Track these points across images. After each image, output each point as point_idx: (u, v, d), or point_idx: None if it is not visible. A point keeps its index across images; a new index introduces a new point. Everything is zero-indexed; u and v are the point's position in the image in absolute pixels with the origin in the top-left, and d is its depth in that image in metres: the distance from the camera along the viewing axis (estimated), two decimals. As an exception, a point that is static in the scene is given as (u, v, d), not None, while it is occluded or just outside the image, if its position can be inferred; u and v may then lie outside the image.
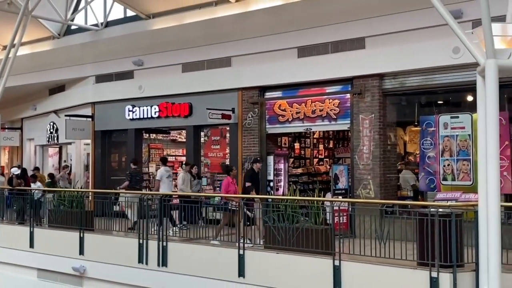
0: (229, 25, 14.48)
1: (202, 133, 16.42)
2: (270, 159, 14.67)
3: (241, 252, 10.55)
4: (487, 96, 7.50)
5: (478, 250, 8.03)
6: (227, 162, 15.49)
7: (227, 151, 15.59)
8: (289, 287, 9.93)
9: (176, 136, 19.81)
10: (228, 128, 15.41)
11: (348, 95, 13.21)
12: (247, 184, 12.66)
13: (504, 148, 10.56)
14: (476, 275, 8.29)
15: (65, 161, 21.87)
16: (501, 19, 7.94)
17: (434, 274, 8.44)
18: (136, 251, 12.10)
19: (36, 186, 16.05)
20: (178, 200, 13.14)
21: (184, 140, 17.59)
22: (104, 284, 12.87)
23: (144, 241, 12.04)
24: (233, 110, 14.88)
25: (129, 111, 17.29)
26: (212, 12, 14.73)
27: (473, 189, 10.19)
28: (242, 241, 10.62)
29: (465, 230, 8.77)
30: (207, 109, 14.59)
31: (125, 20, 17.12)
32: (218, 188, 15.94)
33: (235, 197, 11.89)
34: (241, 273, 10.51)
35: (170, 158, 19.52)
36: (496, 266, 7.36)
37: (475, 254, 8.37)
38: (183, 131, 17.68)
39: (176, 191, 14.54)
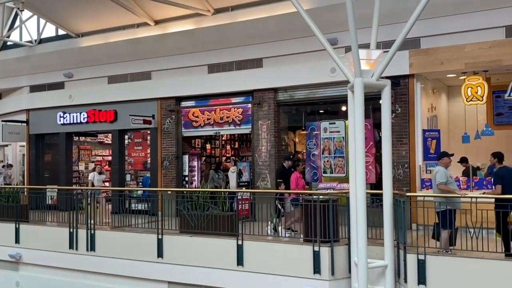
0: (149, 44, 14.25)
1: (126, 136, 16.03)
2: (186, 158, 14.58)
3: (160, 236, 10.48)
4: (356, 107, 7.79)
5: (350, 228, 8.47)
6: (149, 161, 15.27)
7: (148, 151, 15.34)
8: (201, 264, 9.98)
9: (103, 139, 19.17)
10: (149, 132, 15.15)
11: (250, 105, 13.39)
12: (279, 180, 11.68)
13: (369, 147, 11.18)
14: (348, 248, 8.72)
15: (2, 161, 20.57)
16: (367, 46, 8.30)
17: (316, 248, 8.79)
18: (67, 238, 11.69)
19: None
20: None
21: (110, 142, 17.10)
22: (38, 268, 12.35)
23: (74, 229, 11.65)
24: (153, 117, 14.65)
25: (60, 117, 16.58)
26: (135, 33, 14.44)
27: (346, 180, 10.66)
28: (161, 226, 10.54)
29: (340, 213, 9.16)
30: (130, 115, 14.28)
31: (57, 38, 16.37)
32: (140, 183, 15.71)
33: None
34: (160, 254, 10.44)
35: (98, 158, 19.02)
36: (363, 240, 7.70)
37: (347, 231, 8.83)
38: (109, 134, 17.19)
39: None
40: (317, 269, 8.76)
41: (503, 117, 13.15)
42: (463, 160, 11.68)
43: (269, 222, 10.34)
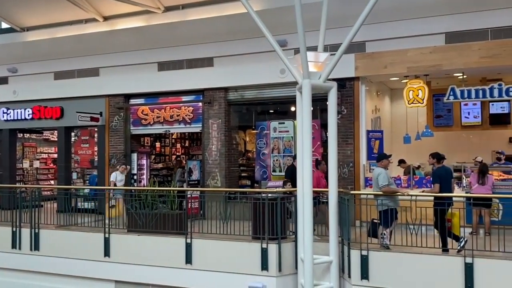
0: (97, 40, 13.87)
1: (72, 133, 15.57)
2: (134, 156, 14.31)
3: (107, 235, 10.27)
4: (303, 108, 7.91)
5: (297, 225, 8.59)
6: (96, 159, 14.88)
7: (96, 149, 14.95)
8: (148, 263, 9.86)
9: (49, 136, 18.57)
10: (96, 129, 14.77)
11: (200, 104, 13.31)
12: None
13: (317, 147, 11.41)
14: (295, 244, 8.88)
15: None
16: (315, 48, 8.43)
17: (264, 245, 8.89)
18: (9, 237, 11.23)
19: None
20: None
21: (56, 139, 16.56)
22: (-22, 269, 11.76)
23: (17, 228, 11.20)
24: (101, 114, 14.30)
25: (4, 113, 15.88)
26: (82, 28, 14.01)
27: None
28: (108, 225, 10.31)
29: (288, 211, 9.31)
30: (77, 112, 13.88)
31: (0, 31, 15.64)
32: (87, 181, 15.28)
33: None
34: (107, 253, 10.23)
35: (43, 155, 18.37)
36: (309, 236, 7.82)
37: (295, 228, 8.96)
38: (55, 131, 16.63)
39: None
40: (264, 266, 8.85)
41: (442, 119, 13.75)
42: (401, 161, 12.21)
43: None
